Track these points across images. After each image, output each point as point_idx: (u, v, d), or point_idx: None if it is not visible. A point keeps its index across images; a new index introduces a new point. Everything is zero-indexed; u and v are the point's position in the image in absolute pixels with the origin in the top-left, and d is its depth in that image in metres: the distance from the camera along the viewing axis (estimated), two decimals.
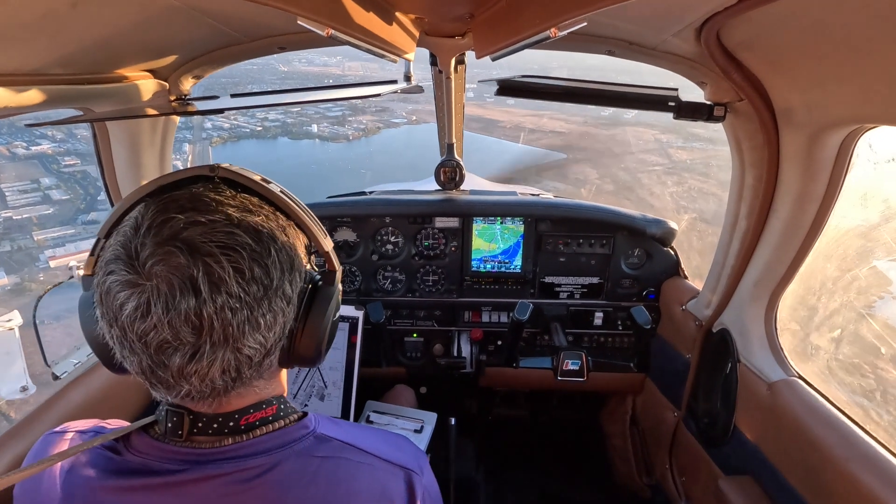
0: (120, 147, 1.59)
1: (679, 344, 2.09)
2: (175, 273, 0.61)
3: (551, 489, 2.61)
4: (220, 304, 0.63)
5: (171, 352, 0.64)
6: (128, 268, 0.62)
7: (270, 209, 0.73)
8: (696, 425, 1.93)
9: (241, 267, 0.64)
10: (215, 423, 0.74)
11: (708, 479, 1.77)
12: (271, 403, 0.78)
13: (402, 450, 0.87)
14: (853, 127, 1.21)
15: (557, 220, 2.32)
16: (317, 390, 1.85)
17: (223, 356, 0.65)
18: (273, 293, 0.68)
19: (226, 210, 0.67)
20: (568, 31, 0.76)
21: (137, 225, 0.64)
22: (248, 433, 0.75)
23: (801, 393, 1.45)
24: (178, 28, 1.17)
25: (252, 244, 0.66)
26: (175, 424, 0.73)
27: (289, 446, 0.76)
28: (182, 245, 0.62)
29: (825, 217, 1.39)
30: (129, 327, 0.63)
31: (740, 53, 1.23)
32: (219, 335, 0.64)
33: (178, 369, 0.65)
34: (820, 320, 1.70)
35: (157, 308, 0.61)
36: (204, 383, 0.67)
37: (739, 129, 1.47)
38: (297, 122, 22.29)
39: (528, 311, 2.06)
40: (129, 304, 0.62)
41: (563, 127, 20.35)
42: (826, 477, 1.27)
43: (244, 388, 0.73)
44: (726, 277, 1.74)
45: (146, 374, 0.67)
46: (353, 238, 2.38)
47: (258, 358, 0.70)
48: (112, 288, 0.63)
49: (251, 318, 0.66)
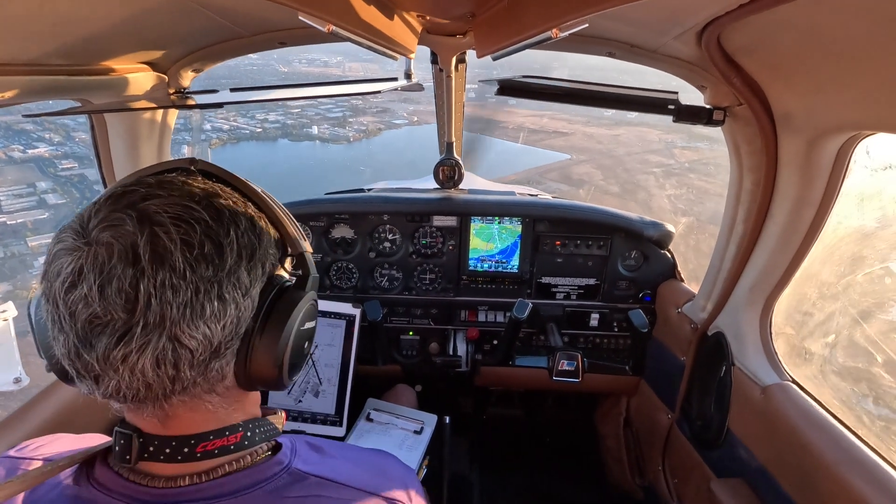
0: (118, 140, 1.58)
1: (674, 346, 2.09)
2: (119, 238, 0.55)
3: (545, 489, 2.62)
4: (160, 279, 0.55)
5: (99, 330, 0.56)
6: (75, 235, 0.57)
7: (242, 199, 0.68)
8: (689, 427, 1.93)
9: (190, 240, 0.57)
10: (167, 448, 0.64)
11: (700, 481, 1.78)
12: (236, 430, 0.68)
13: (389, 477, 0.79)
14: (851, 133, 1.22)
15: (555, 220, 2.32)
16: (311, 386, 1.85)
17: (157, 343, 0.56)
18: (226, 277, 0.60)
19: (191, 189, 0.63)
20: (569, 33, 0.76)
21: (98, 199, 0.60)
22: (209, 470, 0.66)
23: (795, 397, 1.46)
24: (178, 20, 1.17)
25: (209, 220, 0.60)
26: (123, 448, 0.64)
27: (259, 486, 0.67)
28: (133, 212, 0.57)
29: (822, 223, 1.39)
30: (60, 299, 0.56)
31: (740, 58, 1.24)
32: (155, 315, 0.55)
33: (104, 352, 0.56)
34: (814, 325, 1.71)
35: (91, 275, 0.55)
36: (134, 376, 0.57)
37: (738, 133, 1.48)
38: (297, 123, 22.24)
39: (527, 310, 2.07)
40: (66, 270, 0.56)
41: (567, 127, 20.32)
42: (817, 481, 1.27)
43: (189, 396, 0.63)
44: (722, 281, 1.74)
45: (71, 357, 0.58)
46: (350, 235, 2.38)
47: (202, 355, 0.60)
48: (56, 255, 0.57)
49: (195, 302, 0.57)
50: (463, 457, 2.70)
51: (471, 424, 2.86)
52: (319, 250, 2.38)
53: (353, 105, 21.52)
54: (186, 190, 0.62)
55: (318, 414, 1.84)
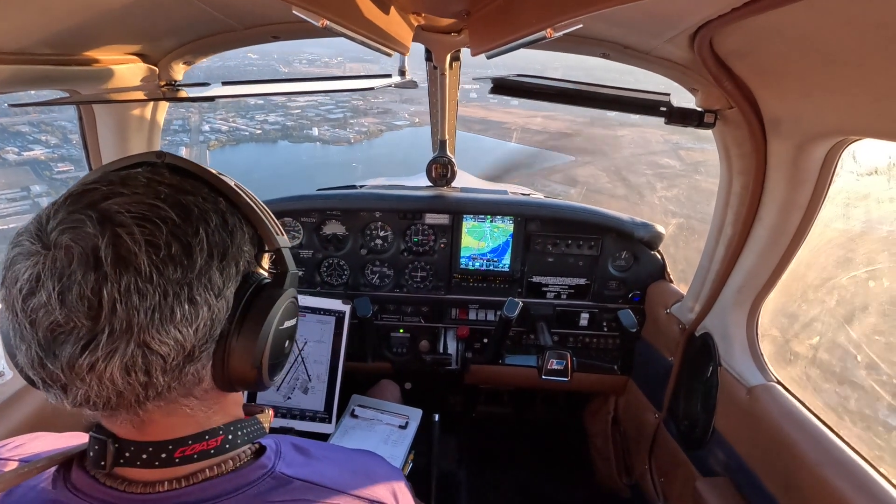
0: (107, 131, 1.56)
1: (662, 347, 2.11)
2: (79, 242, 0.52)
3: (532, 487, 2.64)
4: (125, 283, 0.52)
5: (62, 338, 0.53)
6: (32, 238, 0.54)
7: (213, 195, 0.64)
8: (676, 427, 1.95)
9: (156, 241, 0.54)
10: (144, 454, 0.62)
11: (686, 480, 1.80)
12: (216, 433, 0.66)
13: (375, 478, 0.78)
14: (838, 139, 1.24)
15: (547, 220, 2.33)
16: (300, 383, 1.85)
17: (125, 350, 0.53)
18: (196, 279, 0.57)
19: (156, 187, 0.58)
20: (563, 33, 0.76)
21: (58, 199, 0.57)
22: (189, 475, 0.64)
23: (779, 398, 1.48)
24: (170, 11, 1.15)
25: (176, 219, 0.56)
26: (97, 454, 0.62)
27: (241, 491, 0.65)
28: (94, 213, 0.53)
29: (808, 226, 1.41)
30: (19, 307, 0.53)
31: (732, 62, 1.25)
32: (121, 321, 0.52)
33: (68, 361, 0.53)
34: (800, 327, 1.73)
35: (50, 281, 0.52)
36: (103, 384, 0.54)
37: (728, 136, 1.49)
38: (297, 124, 21.98)
39: (517, 309, 2.08)
40: (23, 276, 0.53)
41: (570, 129, 20.31)
42: (799, 480, 1.29)
43: (165, 402, 0.60)
44: (710, 283, 1.76)
45: (35, 367, 0.55)
46: (342, 232, 2.37)
47: (175, 360, 0.57)
48: (14, 261, 0.54)
49: (163, 306, 0.54)
50: (451, 455, 2.70)
51: (460, 422, 2.87)
52: (310, 246, 2.37)
53: (354, 106, 21.30)
54: (152, 187, 0.58)
55: (307, 411, 1.83)
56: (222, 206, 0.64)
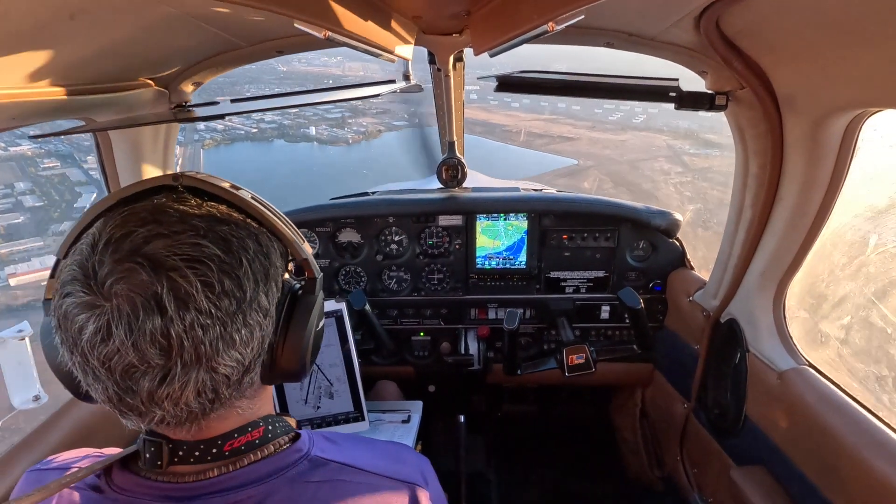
0: (123, 156, 1.60)
1: (687, 335, 2.08)
2: (137, 291, 0.56)
3: (563, 484, 2.61)
4: (188, 321, 0.58)
5: (138, 376, 0.59)
6: (85, 288, 0.57)
7: (241, 217, 0.68)
8: (706, 416, 1.92)
9: (209, 280, 0.59)
10: (196, 451, 0.68)
11: (720, 470, 1.77)
12: (257, 425, 0.73)
13: (404, 462, 0.83)
14: (857, 111, 1.20)
15: (561, 214, 2.31)
16: (324, 390, 1.86)
17: (197, 377, 0.60)
18: (248, 306, 0.63)
19: (191, 221, 0.62)
20: (566, 25, 0.75)
21: (94, 242, 0.60)
22: (235, 461, 0.70)
23: (812, 381, 1.44)
24: (177, 35, 1.18)
25: (221, 255, 0.61)
26: (153, 455, 0.68)
27: (281, 473, 0.71)
28: (143, 260, 0.57)
29: (831, 203, 1.37)
30: (90, 353, 0.58)
31: (740, 41, 1.22)
32: (190, 355, 0.59)
33: (147, 394, 0.59)
34: (829, 308, 1.69)
35: (119, 330, 0.56)
36: (178, 407, 0.62)
37: (742, 117, 1.46)
38: (294, 123, 21.78)
39: (517, 319, 2.02)
40: (89, 328, 0.57)
41: (572, 132, 20.07)
42: (839, 465, 1.26)
43: (224, 409, 0.68)
44: (733, 267, 1.73)
45: (113, 401, 0.61)
46: (357, 239, 2.38)
47: (236, 376, 0.65)
48: (70, 311, 0.58)
49: (225, 335, 0.61)
50: (479, 455, 2.70)
51: (486, 422, 2.86)
52: (327, 255, 2.39)
53: (352, 106, 21.19)
54: (188, 222, 0.62)
55: (339, 414, 1.85)
56: (253, 229, 0.69)
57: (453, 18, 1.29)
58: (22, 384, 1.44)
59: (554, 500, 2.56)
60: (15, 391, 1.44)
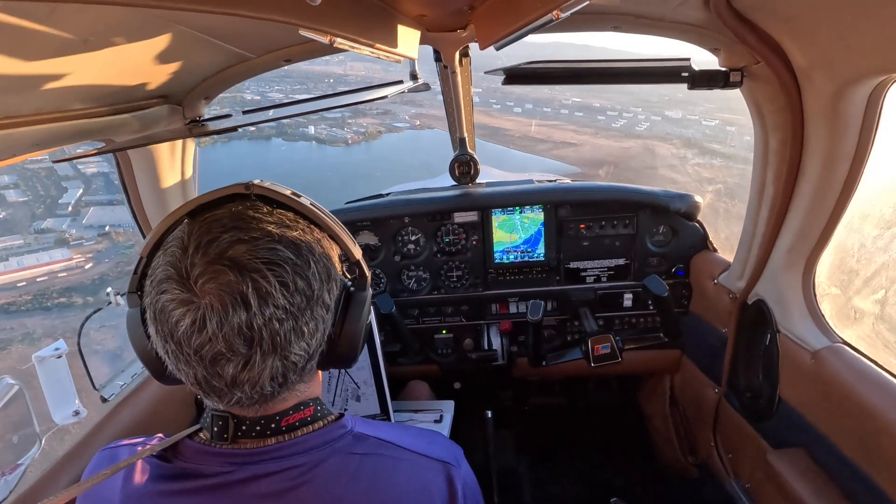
0: (143, 174, 1.64)
1: (714, 319, 2.04)
2: (226, 290, 0.65)
3: (595, 475, 2.59)
4: (268, 315, 0.67)
5: (224, 362, 0.68)
6: (181, 287, 0.66)
7: (305, 223, 0.77)
8: (738, 400, 1.88)
9: (285, 280, 0.69)
10: (258, 426, 0.78)
11: (756, 455, 1.73)
12: (308, 405, 0.82)
13: (438, 444, 0.90)
14: (880, 78, 1.16)
15: (577, 204, 2.29)
16: (351, 392, 1.88)
17: (272, 364, 0.70)
18: (314, 303, 0.73)
19: (265, 227, 0.71)
20: (571, 12, 0.74)
21: (184, 245, 0.69)
22: (290, 434, 0.79)
23: (848, 359, 1.40)
24: (187, 52, 1.20)
25: (293, 258, 0.71)
26: (221, 428, 0.77)
27: (329, 445, 0.79)
28: (230, 263, 0.66)
29: (858, 175, 1.33)
30: (185, 342, 0.67)
31: (752, 14, 1.19)
32: (268, 345, 0.68)
33: (231, 378, 0.69)
34: (861, 282, 1.63)
35: (212, 323, 0.65)
36: (254, 390, 0.71)
37: (759, 92, 1.42)
38: (293, 122, 21.48)
39: (541, 310, 2.02)
40: (185, 321, 0.66)
41: (575, 138, 19.69)
42: (881, 443, 1.22)
43: (288, 391, 0.77)
44: (758, 247, 1.69)
45: (201, 384, 0.71)
46: (374, 241, 2.40)
47: (302, 363, 0.74)
48: (167, 306, 0.67)
49: (296, 327, 0.71)
50: (509, 450, 2.70)
51: (513, 417, 2.86)
52: None
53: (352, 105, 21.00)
54: (263, 228, 0.71)
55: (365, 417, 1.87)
56: (317, 234, 0.78)
57: (457, 14, 1.28)
58: (62, 400, 1.49)
59: (586, 491, 2.54)
60: (56, 408, 1.49)
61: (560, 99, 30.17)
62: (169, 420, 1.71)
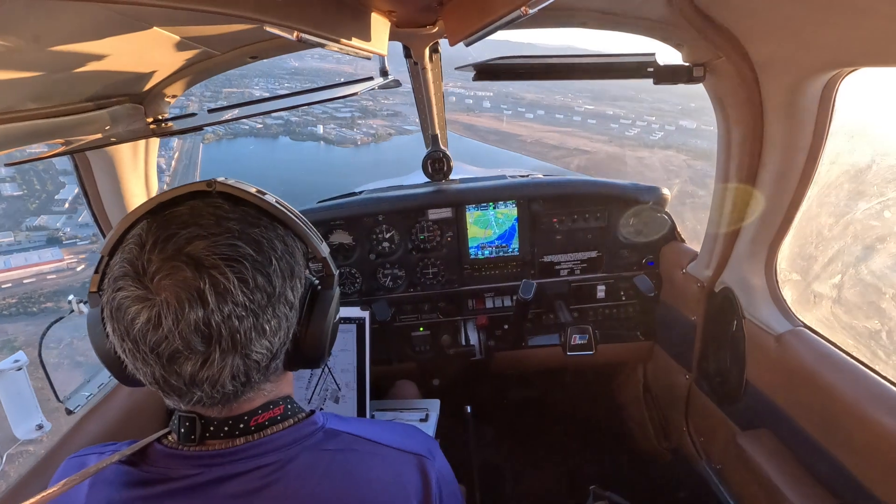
0: (103, 175, 1.58)
1: (683, 307, 2.10)
2: (182, 286, 0.64)
3: (573, 464, 2.64)
4: (226, 312, 0.66)
5: (182, 360, 0.66)
6: (136, 283, 0.65)
7: (268, 220, 0.76)
8: (708, 385, 1.94)
9: (244, 277, 0.67)
10: (226, 426, 0.76)
11: (726, 436, 1.79)
12: (278, 404, 0.81)
13: (412, 437, 0.90)
14: (833, 72, 1.21)
15: (549, 198, 2.32)
16: (331, 393, 1.86)
17: (232, 362, 0.68)
18: (276, 300, 0.71)
19: (226, 224, 0.70)
20: (539, 8, 0.75)
21: (142, 242, 0.67)
22: (259, 433, 0.78)
23: (809, 341, 1.47)
24: (147, 49, 1.16)
25: (254, 255, 0.69)
26: (188, 430, 0.76)
27: (300, 442, 0.79)
28: (187, 259, 0.65)
29: (814, 165, 1.39)
30: (141, 339, 0.66)
31: (713, 11, 1.23)
32: (227, 342, 0.67)
33: (189, 377, 0.68)
34: (820, 268, 1.71)
35: (168, 320, 0.64)
36: (215, 389, 0.70)
37: (720, 87, 1.47)
38: (301, 120, 20.81)
39: (532, 290, 2.07)
40: (141, 318, 0.65)
41: (588, 145, 19.53)
42: (841, 420, 1.28)
43: (253, 391, 0.76)
44: (723, 236, 1.74)
45: (159, 383, 0.69)
46: (348, 240, 2.37)
47: (265, 362, 0.73)
48: (123, 303, 0.66)
49: (257, 325, 0.69)
50: (489, 443, 2.72)
51: (492, 411, 2.88)
52: None
53: (362, 106, 20.26)
54: (223, 225, 0.69)
55: None
56: (280, 231, 0.76)
57: (426, 11, 1.28)
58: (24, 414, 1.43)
59: (565, 481, 2.59)
60: (17, 422, 1.42)
61: (573, 106, 29.92)
62: (140, 429, 1.65)
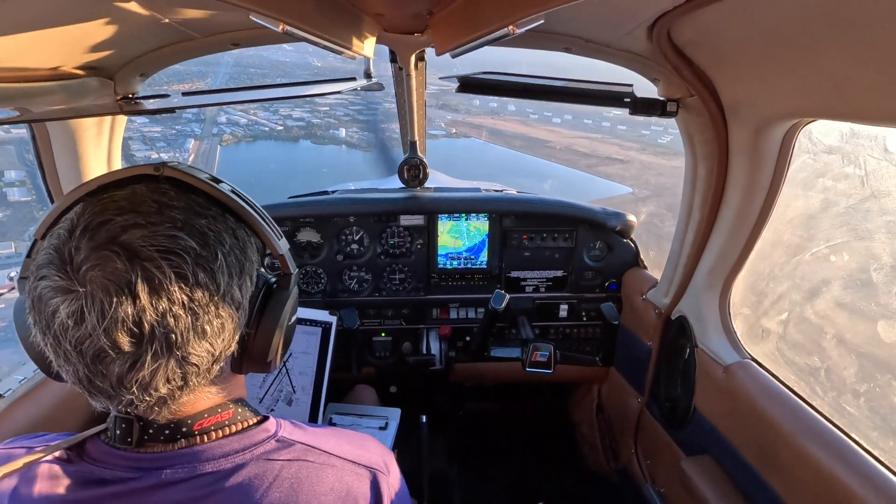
0: (62, 149, 1.50)
1: (640, 332, 2.16)
2: (111, 279, 0.57)
3: (523, 479, 2.66)
4: (161, 310, 0.59)
5: (108, 361, 0.59)
6: (60, 273, 0.58)
7: (218, 211, 0.69)
8: (658, 410, 2.00)
9: (183, 272, 0.60)
10: (167, 430, 0.70)
11: (671, 461, 1.84)
12: (227, 407, 0.75)
13: (367, 449, 0.86)
14: (794, 121, 1.28)
15: (521, 215, 2.35)
16: (284, 395, 1.81)
17: (167, 365, 0.62)
18: (220, 299, 0.65)
19: (169, 213, 0.63)
20: (526, 29, 0.77)
21: (72, 227, 0.60)
22: (202, 437, 0.72)
23: (754, 374, 1.53)
24: (124, 23, 1.11)
25: (197, 248, 0.62)
26: (123, 432, 0.70)
27: (248, 450, 0.73)
28: (119, 249, 0.58)
29: (772, 206, 1.46)
30: (62, 335, 0.59)
31: (690, 51, 1.28)
32: (161, 343, 0.60)
33: (117, 379, 0.61)
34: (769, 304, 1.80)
35: (92, 316, 0.57)
36: (147, 392, 0.63)
37: (691, 123, 1.53)
38: (323, 123, 20.17)
39: (505, 301, 2.08)
40: (63, 312, 0.58)
41: (620, 153, 19.17)
42: (777, 451, 1.34)
43: (193, 394, 0.70)
44: (682, 266, 1.81)
45: (83, 383, 0.62)
46: (316, 239, 2.33)
47: (206, 365, 0.66)
48: (44, 294, 0.59)
49: (196, 326, 0.62)
50: (441, 454, 2.70)
51: (447, 421, 2.87)
52: None
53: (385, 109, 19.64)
54: (166, 214, 0.62)
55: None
56: (231, 224, 0.70)
57: (415, 18, 1.28)
58: None
59: (514, 494, 2.60)
60: None
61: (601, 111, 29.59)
62: (79, 419, 1.55)
